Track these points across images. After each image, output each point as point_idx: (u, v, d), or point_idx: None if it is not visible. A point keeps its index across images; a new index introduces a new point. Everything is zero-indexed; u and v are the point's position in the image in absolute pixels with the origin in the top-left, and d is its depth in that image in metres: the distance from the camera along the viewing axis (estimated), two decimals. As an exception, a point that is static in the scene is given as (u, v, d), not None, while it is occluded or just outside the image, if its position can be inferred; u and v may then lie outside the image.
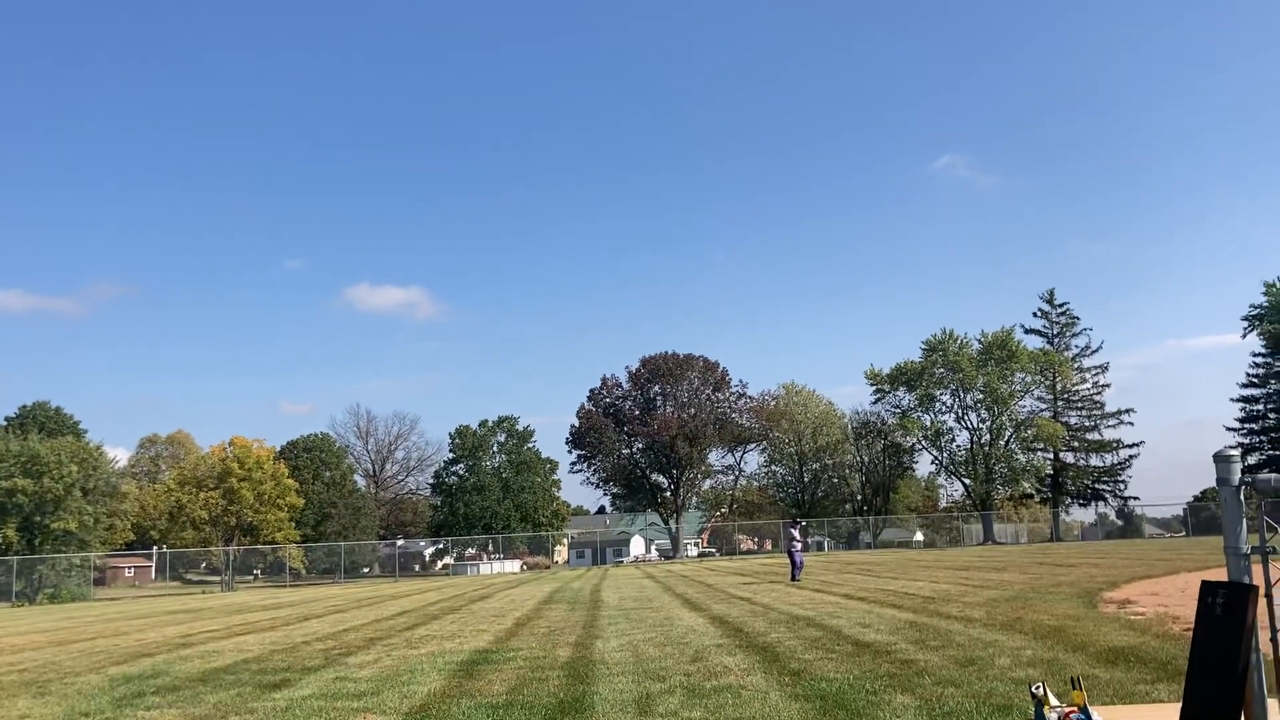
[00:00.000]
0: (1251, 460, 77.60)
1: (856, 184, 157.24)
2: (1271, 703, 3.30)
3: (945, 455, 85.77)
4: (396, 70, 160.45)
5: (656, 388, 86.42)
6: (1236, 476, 3.32)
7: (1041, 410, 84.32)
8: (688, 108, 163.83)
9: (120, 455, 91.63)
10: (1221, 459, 3.34)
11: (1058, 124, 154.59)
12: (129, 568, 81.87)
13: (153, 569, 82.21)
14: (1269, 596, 3.25)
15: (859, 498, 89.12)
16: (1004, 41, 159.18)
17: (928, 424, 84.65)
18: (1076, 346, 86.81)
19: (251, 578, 74.24)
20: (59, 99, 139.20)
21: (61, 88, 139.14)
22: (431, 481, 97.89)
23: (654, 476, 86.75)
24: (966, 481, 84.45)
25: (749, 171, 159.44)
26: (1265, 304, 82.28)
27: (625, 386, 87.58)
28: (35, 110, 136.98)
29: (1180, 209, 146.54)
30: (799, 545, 28.12)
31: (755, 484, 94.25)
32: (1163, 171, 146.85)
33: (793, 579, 25.70)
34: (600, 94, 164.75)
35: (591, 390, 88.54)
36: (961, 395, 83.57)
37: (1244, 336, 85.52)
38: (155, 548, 75.87)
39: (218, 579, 69.46)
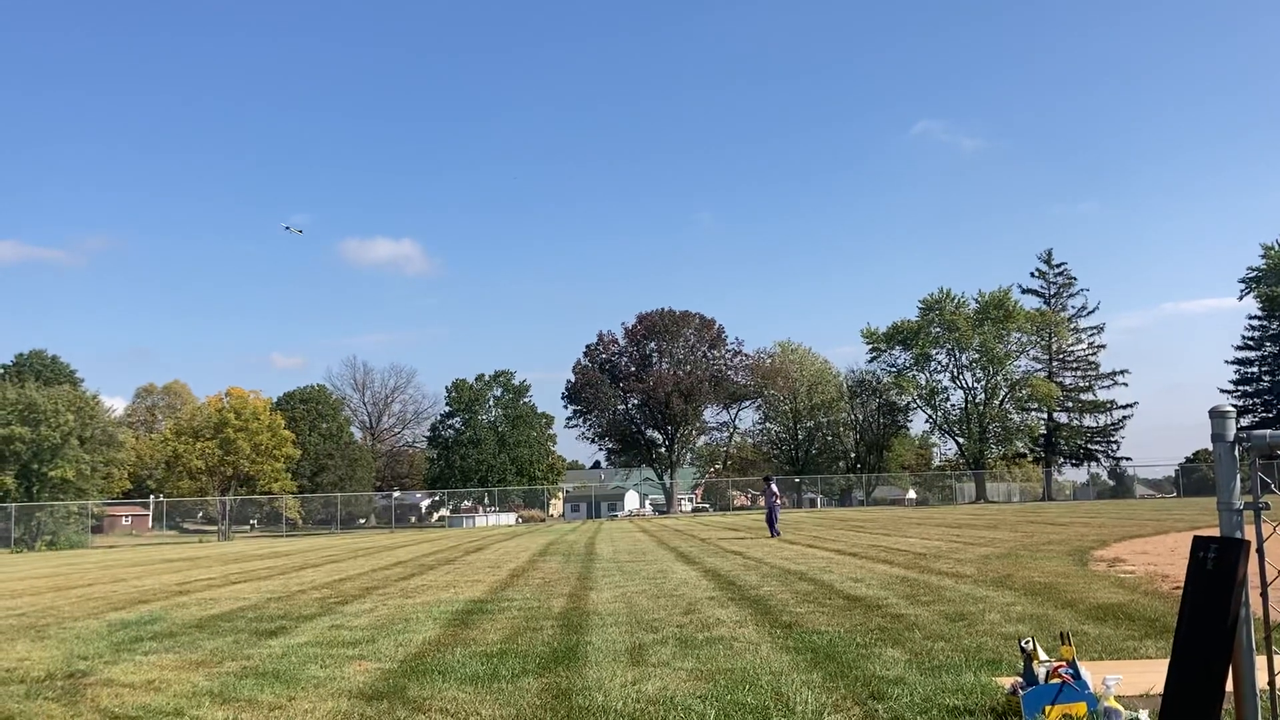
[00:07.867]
0: (1245, 422, 77.92)
1: (839, 149, 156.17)
2: (1259, 658, 3.33)
3: (939, 414, 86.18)
4: (389, 25, 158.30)
5: (652, 344, 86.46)
6: (1231, 432, 3.33)
7: (1036, 370, 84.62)
8: (675, 76, 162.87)
9: (117, 405, 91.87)
10: (1217, 415, 3.34)
11: (1052, 88, 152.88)
12: (126, 516, 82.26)
13: (150, 518, 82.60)
14: (1260, 552, 3.27)
15: (853, 455, 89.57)
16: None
17: (923, 383, 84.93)
18: (1073, 307, 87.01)
19: (248, 527, 74.60)
20: (59, 54, 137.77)
21: (62, 44, 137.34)
22: (428, 434, 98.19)
23: (649, 432, 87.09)
24: (960, 440, 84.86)
25: (733, 138, 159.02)
26: (1263, 266, 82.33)
27: (621, 343, 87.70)
28: (33, 64, 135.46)
29: (1180, 171, 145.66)
30: (778, 501, 28.43)
31: (749, 440, 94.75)
32: (1161, 135, 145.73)
33: (773, 534, 25.91)
34: (591, 57, 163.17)
35: (588, 346, 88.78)
36: (957, 355, 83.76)
37: (1241, 299, 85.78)
38: (152, 497, 76.22)
39: (214, 528, 69.77)
